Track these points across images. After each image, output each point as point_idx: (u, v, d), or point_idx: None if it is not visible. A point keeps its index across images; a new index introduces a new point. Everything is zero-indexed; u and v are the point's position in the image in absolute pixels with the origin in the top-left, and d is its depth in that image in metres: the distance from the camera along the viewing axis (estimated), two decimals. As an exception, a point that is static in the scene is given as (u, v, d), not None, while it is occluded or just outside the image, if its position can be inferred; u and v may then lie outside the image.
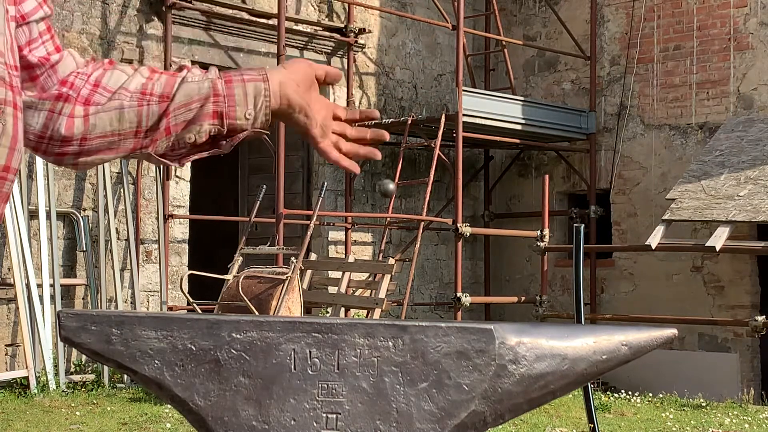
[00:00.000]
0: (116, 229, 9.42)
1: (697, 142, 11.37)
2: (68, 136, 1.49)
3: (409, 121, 10.80)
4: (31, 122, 1.48)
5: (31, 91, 1.49)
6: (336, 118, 1.64)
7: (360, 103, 11.72)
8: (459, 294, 10.70)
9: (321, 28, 11.32)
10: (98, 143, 1.51)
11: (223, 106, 1.52)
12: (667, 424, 7.70)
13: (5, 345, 8.80)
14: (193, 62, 10.15)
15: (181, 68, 1.57)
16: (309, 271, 8.73)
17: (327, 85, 1.66)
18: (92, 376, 8.80)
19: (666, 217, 10.00)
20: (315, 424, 1.54)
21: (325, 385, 1.55)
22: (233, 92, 1.53)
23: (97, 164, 1.58)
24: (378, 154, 1.64)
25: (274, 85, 1.54)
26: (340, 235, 11.48)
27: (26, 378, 8.33)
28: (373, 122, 11.50)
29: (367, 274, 9.05)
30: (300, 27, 11.06)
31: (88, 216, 9.33)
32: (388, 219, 10.98)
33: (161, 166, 9.80)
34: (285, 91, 1.55)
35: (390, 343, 1.55)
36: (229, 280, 7.81)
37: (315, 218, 8.16)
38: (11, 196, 8.54)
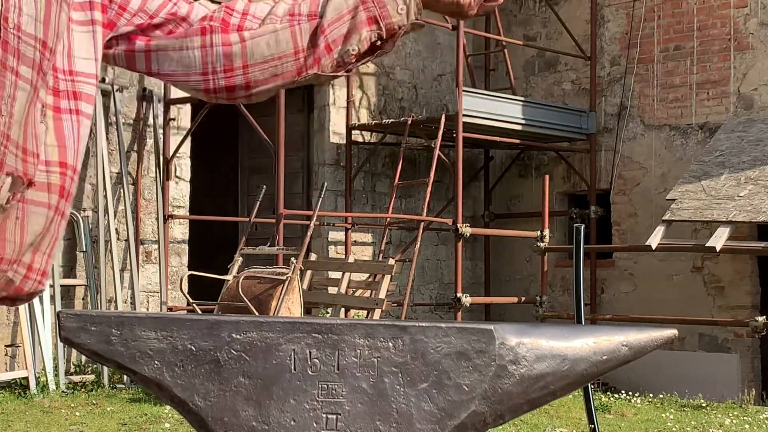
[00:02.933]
0: (116, 229, 9.42)
1: (697, 143, 11.37)
2: (228, 65, 1.51)
3: (409, 122, 10.80)
4: (191, 64, 1.51)
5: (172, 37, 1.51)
6: None
7: (360, 103, 11.72)
8: (459, 294, 10.70)
9: (321, 29, 11.31)
10: (261, 70, 1.52)
11: (374, 10, 1.55)
12: (667, 425, 7.70)
13: (5, 345, 8.80)
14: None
15: None
16: (309, 272, 8.73)
17: None
18: (92, 377, 8.79)
19: (666, 217, 10.00)
20: (315, 425, 1.54)
21: (325, 386, 1.55)
22: None
23: (271, 94, 1.59)
24: None
25: None
26: (340, 236, 11.48)
27: (26, 378, 8.33)
28: (373, 122, 11.52)
29: (367, 275, 9.05)
30: (300, 27, 11.05)
31: (88, 216, 9.33)
32: (388, 219, 10.98)
33: (163, 171, 9.79)
34: None
35: (390, 343, 1.55)
36: (229, 280, 7.81)
37: (315, 218, 8.16)
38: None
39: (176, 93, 9.92)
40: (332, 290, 8.79)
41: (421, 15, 1.59)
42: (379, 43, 1.58)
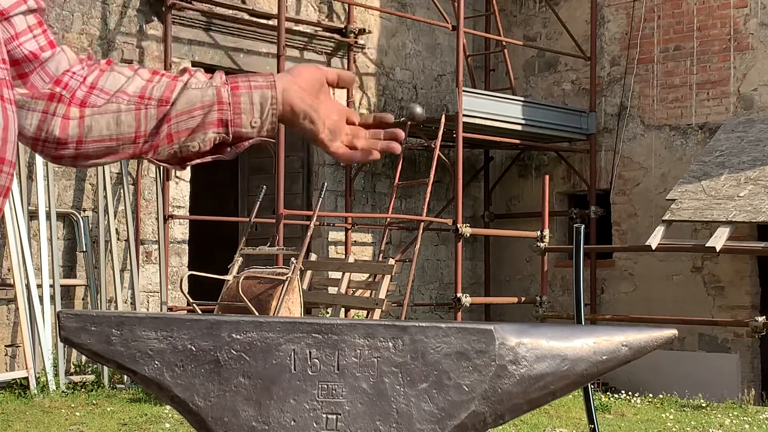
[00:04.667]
0: (116, 229, 9.42)
1: (697, 143, 11.37)
2: (63, 138, 1.45)
3: (409, 122, 10.80)
4: (24, 123, 1.45)
5: (21, 89, 1.44)
6: (350, 122, 1.60)
7: (360, 103, 11.71)
8: (459, 294, 10.70)
9: (321, 29, 11.32)
10: (95, 147, 1.47)
11: (228, 114, 1.49)
12: (667, 425, 7.70)
13: (5, 345, 8.80)
14: (194, 63, 10.15)
15: (184, 71, 1.53)
16: (309, 272, 8.73)
17: (342, 89, 1.64)
18: (92, 377, 8.79)
19: (666, 217, 10.00)
20: (315, 425, 1.54)
21: (325, 386, 1.55)
22: (239, 100, 1.50)
23: (99, 165, 1.55)
24: (397, 148, 1.61)
25: (278, 93, 1.51)
26: (340, 236, 11.48)
27: (26, 378, 8.33)
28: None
29: (367, 275, 9.05)
30: (300, 27, 11.06)
31: (88, 216, 9.33)
32: (388, 219, 10.98)
33: (161, 167, 9.79)
34: (288, 98, 1.52)
35: (390, 343, 1.55)
36: (229, 280, 7.81)
37: (315, 219, 8.16)
38: (11, 194, 8.56)
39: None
40: (332, 290, 8.79)
41: (273, 133, 1.53)
42: (223, 146, 1.53)
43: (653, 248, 9.75)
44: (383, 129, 1.63)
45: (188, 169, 10.27)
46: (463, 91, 10.81)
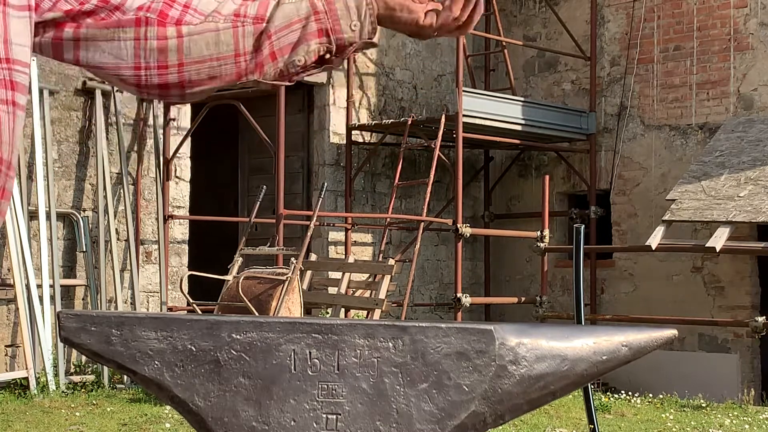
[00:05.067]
0: (116, 229, 9.42)
1: (697, 143, 11.37)
2: (163, 60, 1.42)
3: (409, 122, 10.80)
4: (122, 56, 1.41)
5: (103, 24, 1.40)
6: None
7: (360, 103, 11.72)
8: (459, 294, 10.70)
9: (321, 29, 11.31)
10: (197, 70, 1.45)
11: (326, 23, 1.49)
12: (667, 425, 7.70)
13: (5, 346, 8.80)
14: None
15: None
16: (309, 272, 8.73)
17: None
18: (92, 377, 8.79)
19: (666, 217, 10.00)
20: (315, 425, 1.54)
21: (325, 386, 1.55)
22: (335, 7, 1.49)
23: (206, 95, 1.51)
24: (481, 7, 1.58)
25: None
26: (340, 236, 11.48)
27: (26, 379, 8.33)
28: (373, 122, 11.52)
29: (367, 275, 9.05)
30: (300, 27, 11.05)
31: (88, 217, 9.33)
32: (388, 219, 10.97)
33: (162, 170, 9.79)
34: None
35: (390, 343, 1.55)
36: (229, 280, 7.81)
37: (315, 219, 8.16)
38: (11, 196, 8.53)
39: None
40: (332, 290, 8.79)
41: (375, 34, 1.52)
42: (327, 56, 1.52)
43: (653, 248, 9.75)
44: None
45: (188, 169, 10.28)
46: (463, 91, 10.80)
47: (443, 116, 10.62)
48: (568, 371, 1.59)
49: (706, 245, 9.45)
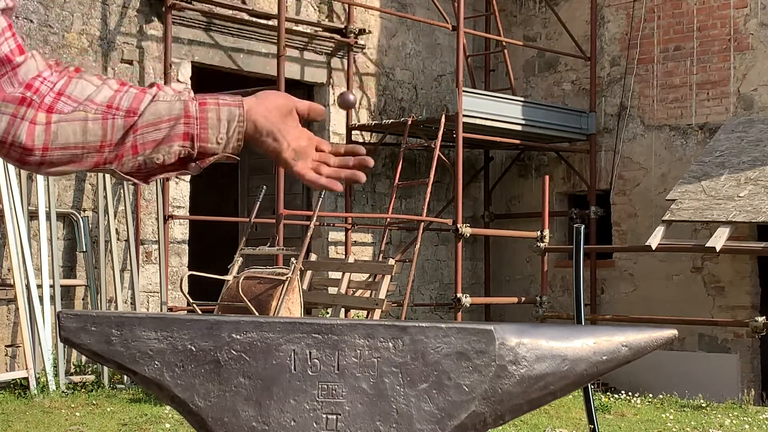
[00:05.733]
0: (116, 229, 9.42)
1: (697, 143, 11.37)
2: (29, 144, 1.44)
3: (409, 122, 10.80)
4: None
5: None
6: (319, 151, 1.62)
7: (360, 103, 11.72)
8: (459, 295, 10.70)
9: (321, 29, 11.32)
10: (60, 155, 1.46)
11: (194, 128, 1.50)
12: (667, 425, 7.70)
13: (5, 346, 8.80)
14: (194, 63, 10.15)
15: (152, 85, 1.53)
16: (309, 272, 8.73)
17: (312, 121, 1.65)
18: (92, 377, 8.79)
19: (666, 217, 10.00)
20: (315, 425, 1.54)
21: (325, 386, 1.55)
22: (206, 115, 1.51)
23: (61, 174, 1.53)
24: (362, 177, 1.62)
25: (245, 111, 1.53)
26: (340, 236, 11.48)
27: (26, 379, 8.33)
28: (373, 122, 11.51)
29: (367, 275, 9.05)
30: (300, 28, 11.06)
31: (88, 217, 9.33)
32: (388, 220, 10.98)
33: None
34: (252, 116, 1.54)
35: (390, 343, 1.55)
36: (229, 280, 7.81)
37: (315, 219, 8.16)
38: (11, 195, 8.55)
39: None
40: (332, 290, 8.79)
41: (239, 150, 1.54)
42: (187, 160, 1.53)
43: (653, 248, 9.75)
44: (354, 156, 1.63)
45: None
46: (463, 91, 10.81)
47: (443, 116, 10.62)
48: (568, 371, 1.59)
49: (706, 245, 9.45)
